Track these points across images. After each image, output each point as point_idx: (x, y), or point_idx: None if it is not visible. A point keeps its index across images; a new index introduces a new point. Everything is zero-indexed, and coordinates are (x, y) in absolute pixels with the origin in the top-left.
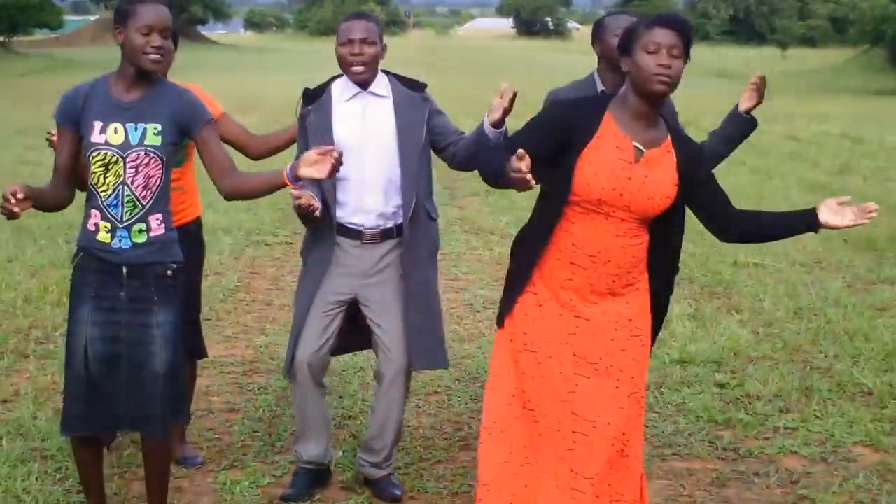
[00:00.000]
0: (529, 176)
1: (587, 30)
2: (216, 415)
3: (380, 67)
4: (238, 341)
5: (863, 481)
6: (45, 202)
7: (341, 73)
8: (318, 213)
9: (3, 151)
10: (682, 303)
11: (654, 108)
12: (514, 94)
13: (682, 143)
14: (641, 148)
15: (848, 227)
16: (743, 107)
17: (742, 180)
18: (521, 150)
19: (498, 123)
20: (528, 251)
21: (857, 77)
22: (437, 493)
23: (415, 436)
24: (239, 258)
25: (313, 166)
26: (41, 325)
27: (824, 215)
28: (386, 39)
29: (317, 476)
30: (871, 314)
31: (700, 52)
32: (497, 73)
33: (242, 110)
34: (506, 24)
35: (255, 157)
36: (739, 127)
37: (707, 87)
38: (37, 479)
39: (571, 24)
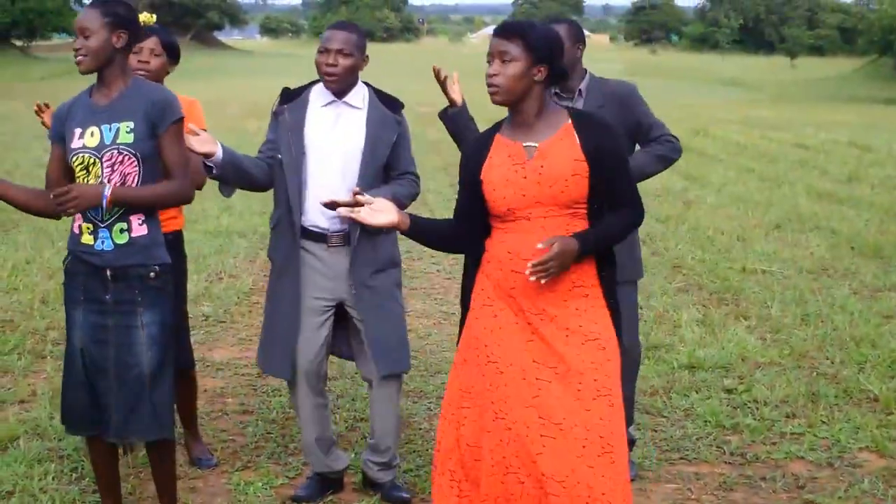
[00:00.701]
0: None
1: (599, 38)
2: (230, 416)
3: (360, 78)
4: (252, 343)
5: (868, 486)
6: (30, 205)
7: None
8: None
9: (21, 154)
10: (690, 309)
11: (517, 111)
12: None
13: (587, 122)
14: (533, 144)
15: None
16: None
17: (751, 187)
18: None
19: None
20: (471, 266)
21: (865, 86)
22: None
23: (426, 438)
24: (254, 261)
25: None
26: (58, 327)
27: None
28: (400, 46)
29: (330, 483)
30: (877, 321)
31: (710, 60)
32: None
33: (257, 114)
34: None
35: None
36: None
37: (717, 96)
38: (53, 478)
39: (584, 33)
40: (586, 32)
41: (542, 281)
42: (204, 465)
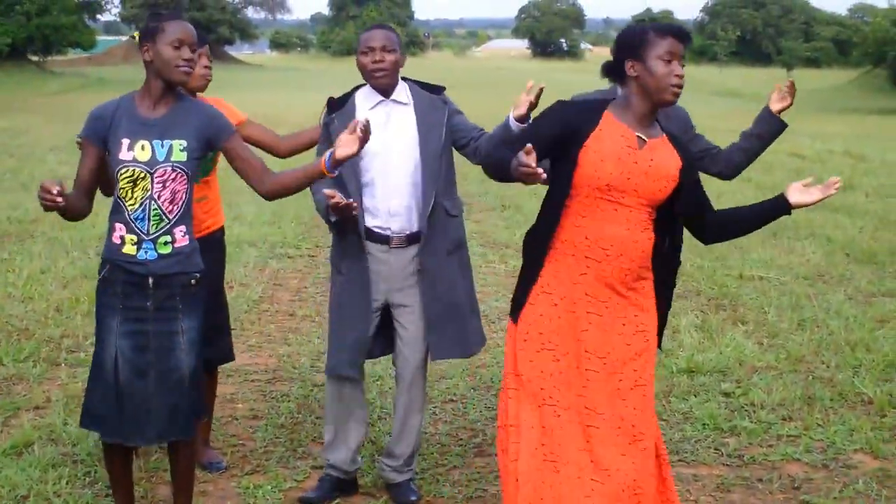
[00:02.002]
0: (539, 169)
1: (600, 51)
2: (240, 421)
3: (400, 76)
4: (262, 350)
5: (863, 487)
6: (69, 208)
7: (363, 83)
8: (354, 210)
9: (37, 166)
10: (689, 314)
11: (656, 111)
12: (541, 90)
13: (677, 140)
14: (644, 137)
15: (816, 202)
16: (774, 108)
17: (749, 196)
18: (528, 146)
19: (523, 118)
20: (538, 247)
21: (860, 97)
22: (453, 497)
23: (431, 442)
24: (263, 270)
25: (349, 145)
26: (72, 335)
27: (794, 196)
28: (406, 60)
29: (342, 485)
30: (871, 326)
31: (708, 72)
32: (513, 92)
33: (269, 126)
34: (521, 46)
35: (284, 156)
36: (769, 127)
37: (715, 106)
38: (67, 482)
39: (585, 46)
40: (588, 46)
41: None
42: (214, 468)
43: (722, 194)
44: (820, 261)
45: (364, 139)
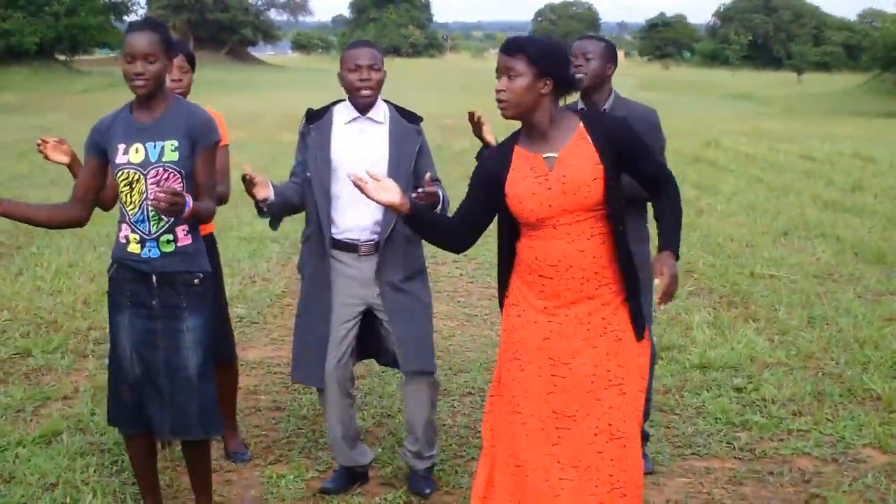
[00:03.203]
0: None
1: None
2: (263, 413)
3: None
4: (284, 343)
5: (871, 481)
6: (33, 219)
7: (343, 98)
8: (255, 183)
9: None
10: (701, 311)
11: (529, 124)
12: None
13: (597, 123)
14: (552, 155)
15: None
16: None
17: (760, 196)
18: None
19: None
20: (502, 266)
21: (869, 100)
22: (471, 488)
23: (450, 434)
24: (285, 265)
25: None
26: (99, 327)
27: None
28: (425, 61)
29: (357, 475)
30: (880, 324)
31: (720, 75)
32: None
33: (290, 126)
34: None
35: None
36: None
37: (727, 109)
38: (95, 471)
39: None
40: None
41: (662, 307)
42: (239, 459)
43: (734, 194)
44: (830, 260)
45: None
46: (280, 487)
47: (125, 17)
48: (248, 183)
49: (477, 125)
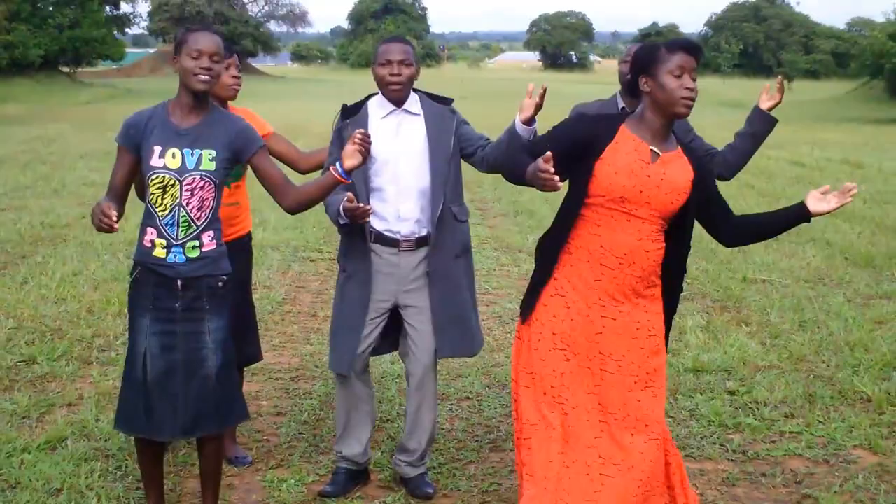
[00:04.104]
0: (556, 177)
1: (608, 63)
2: (265, 418)
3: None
4: (285, 350)
5: (862, 482)
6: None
7: (376, 92)
8: (368, 214)
9: (68, 173)
10: (695, 316)
11: (671, 124)
12: (544, 90)
13: (692, 152)
14: (657, 151)
15: (835, 209)
16: (764, 106)
17: (751, 202)
18: (548, 153)
19: (529, 121)
20: (552, 252)
21: (858, 107)
22: (469, 491)
23: (448, 438)
24: (286, 273)
25: (353, 156)
26: (103, 335)
27: (812, 205)
28: (423, 71)
29: (355, 476)
30: (870, 327)
31: (712, 83)
32: None
33: (291, 135)
34: (533, 58)
35: (304, 172)
36: (761, 124)
37: (719, 116)
38: (99, 476)
39: (594, 58)
40: (597, 58)
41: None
42: (240, 463)
43: (726, 200)
44: (820, 264)
45: (365, 149)
46: (281, 491)
47: (127, 30)
48: (355, 213)
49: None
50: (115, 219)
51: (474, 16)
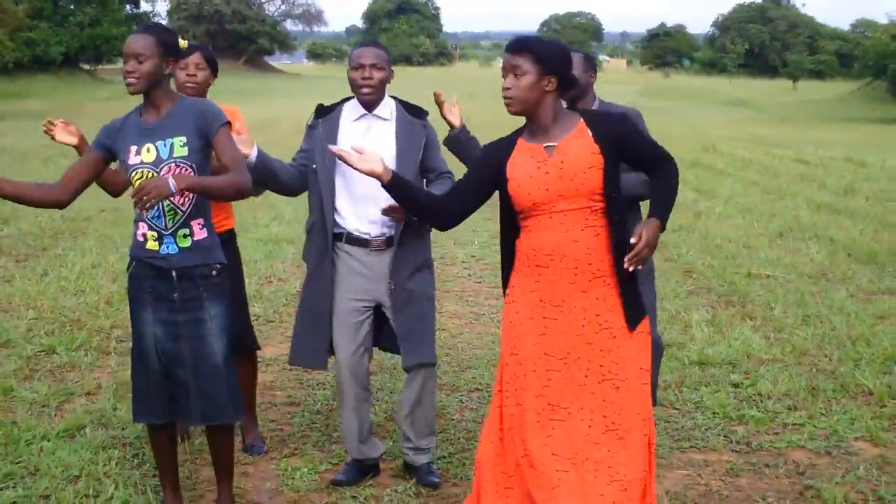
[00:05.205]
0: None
1: (616, 62)
2: (278, 408)
3: (387, 92)
4: None
5: (863, 473)
6: (23, 196)
7: (352, 95)
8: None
9: None
10: (700, 310)
11: (533, 119)
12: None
13: (597, 118)
14: (552, 144)
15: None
16: None
17: (756, 199)
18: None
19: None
20: (504, 263)
21: (861, 107)
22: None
23: (458, 428)
24: (300, 266)
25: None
26: (121, 325)
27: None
28: (435, 70)
29: (367, 469)
30: (871, 321)
31: (718, 83)
32: None
33: (302, 131)
34: None
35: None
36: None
37: (725, 115)
38: (117, 464)
39: (602, 57)
40: (605, 57)
41: (640, 268)
42: (255, 452)
43: (731, 197)
44: (823, 260)
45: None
46: (295, 479)
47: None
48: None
49: (441, 105)
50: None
51: (486, 15)
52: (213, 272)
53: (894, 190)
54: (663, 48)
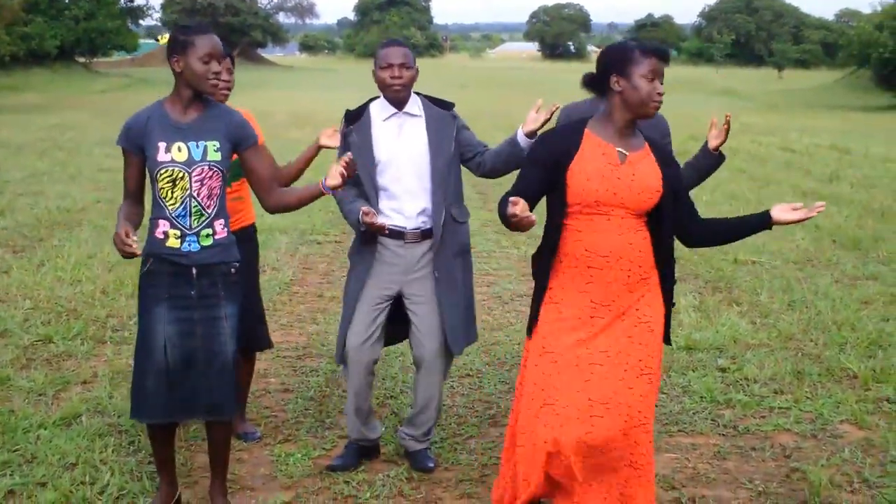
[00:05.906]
0: (528, 214)
1: None
2: (272, 395)
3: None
4: (292, 329)
5: (848, 455)
6: (134, 226)
7: (378, 94)
8: (386, 228)
9: (84, 159)
10: (688, 296)
11: (636, 122)
12: (557, 108)
13: (659, 150)
14: (624, 152)
15: (798, 221)
16: (712, 144)
17: (742, 187)
18: (512, 197)
19: (531, 134)
20: (544, 264)
21: (845, 95)
22: (469, 464)
23: (450, 414)
24: (294, 255)
25: (335, 177)
26: (117, 315)
27: (777, 214)
28: (425, 62)
29: (365, 451)
30: (856, 306)
31: (705, 73)
32: (524, 91)
33: (299, 124)
34: (532, 48)
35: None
36: (707, 161)
37: (712, 104)
38: (113, 451)
39: (591, 48)
40: (594, 48)
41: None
42: (249, 439)
43: (718, 185)
44: (809, 246)
45: (348, 174)
46: (288, 465)
47: (141, 21)
48: (373, 227)
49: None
50: (133, 245)
51: (476, 7)
52: (232, 269)
53: (878, 177)
54: (651, 38)
